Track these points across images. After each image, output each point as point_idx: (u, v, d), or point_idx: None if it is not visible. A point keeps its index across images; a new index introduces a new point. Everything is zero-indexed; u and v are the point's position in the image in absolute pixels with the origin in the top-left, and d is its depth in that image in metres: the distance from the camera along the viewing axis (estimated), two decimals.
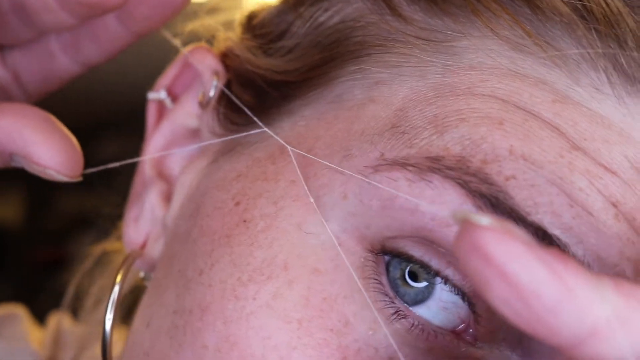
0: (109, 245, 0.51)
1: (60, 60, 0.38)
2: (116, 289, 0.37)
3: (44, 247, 3.15)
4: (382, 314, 0.31)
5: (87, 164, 0.34)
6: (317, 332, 0.31)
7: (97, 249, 0.52)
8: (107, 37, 0.37)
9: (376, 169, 0.31)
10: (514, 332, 0.31)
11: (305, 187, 0.33)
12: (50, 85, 0.39)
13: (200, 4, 0.45)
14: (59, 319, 0.53)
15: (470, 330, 0.32)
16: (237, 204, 0.34)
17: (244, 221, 0.34)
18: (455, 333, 0.32)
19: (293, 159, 0.34)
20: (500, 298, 0.20)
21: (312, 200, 0.32)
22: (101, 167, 0.37)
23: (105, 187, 0.74)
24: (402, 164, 0.31)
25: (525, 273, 0.20)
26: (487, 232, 0.20)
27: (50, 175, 0.32)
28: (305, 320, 0.31)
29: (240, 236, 0.33)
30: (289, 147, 0.34)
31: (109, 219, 0.49)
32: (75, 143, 0.33)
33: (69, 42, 0.38)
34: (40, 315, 0.55)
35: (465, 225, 0.21)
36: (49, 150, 0.32)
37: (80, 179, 0.34)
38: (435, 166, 0.30)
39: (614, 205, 0.30)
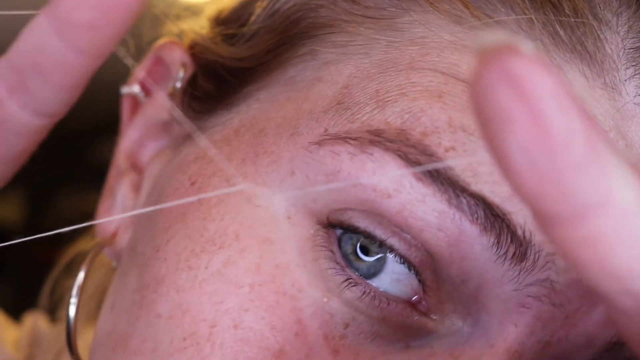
0: (85, 244, 0.51)
1: (10, 110, 0.24)
2: (81, 274, 0.37)
3: (44, 247, 3.15)
4: (332, 281, 0.31)
5: (86, 166, 0.33)
6: (269, 295, 0.31)
7: (73, 249, 0.51)
8: (54, 66, 0.23)
9: (320, 144, 0.32)
10: (463, 303, 0.31)
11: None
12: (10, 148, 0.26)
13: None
14: (34, 320, 0.53)
15: (423, 302, 0.32)
16: (193, 183, 0.35)
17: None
18: (409, 303, 0.32)
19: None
20: (521, 143, 0.17)
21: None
22: None
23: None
24: (344, 138, 0.31)
25: (561, 118, 0.17)
26: (528, 60, 0.17)
27: None
28: (257, 284, 0.31)
29: (195, 212, 0.34)
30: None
31: None
32: None
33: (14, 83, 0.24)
34: None
35: (501, 49, 0.17)
36: None
37: None
38: (376, 139, 0.31)
39: None
